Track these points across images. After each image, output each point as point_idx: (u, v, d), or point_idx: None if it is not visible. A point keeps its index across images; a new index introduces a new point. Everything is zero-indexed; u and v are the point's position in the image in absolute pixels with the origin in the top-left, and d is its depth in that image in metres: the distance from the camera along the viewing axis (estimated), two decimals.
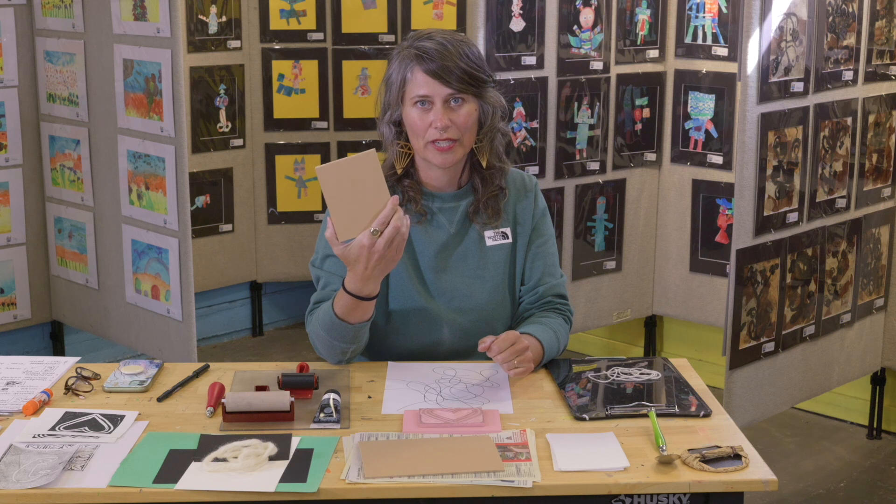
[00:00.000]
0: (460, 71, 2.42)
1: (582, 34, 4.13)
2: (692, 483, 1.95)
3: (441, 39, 2.44)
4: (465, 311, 2.53)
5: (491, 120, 2.50)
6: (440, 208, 2.55)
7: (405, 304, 2.51)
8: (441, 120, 2.42)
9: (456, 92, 2.43)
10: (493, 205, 2.55)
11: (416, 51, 2.44)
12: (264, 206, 5.13)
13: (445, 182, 2.55)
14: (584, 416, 2.19)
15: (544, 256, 2.60)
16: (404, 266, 2.51)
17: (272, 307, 5.41)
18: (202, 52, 4.81)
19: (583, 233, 4.32)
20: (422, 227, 2.53)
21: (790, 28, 3.44)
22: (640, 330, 4.81)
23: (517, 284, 2.59)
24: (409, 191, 2.53)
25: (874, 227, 3.94)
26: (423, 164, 2.54)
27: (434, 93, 2.42)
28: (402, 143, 2.52)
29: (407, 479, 1.93)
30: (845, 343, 3.91)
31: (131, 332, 4.20)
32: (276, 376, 2.34)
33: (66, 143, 4.32)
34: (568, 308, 2.62)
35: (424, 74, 2.42)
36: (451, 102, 2.44)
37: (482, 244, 2.55)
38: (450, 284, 2.53)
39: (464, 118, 2.45)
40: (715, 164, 4.34)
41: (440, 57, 2.41)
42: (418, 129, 2.45)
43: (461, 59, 2.43)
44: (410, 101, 2.45)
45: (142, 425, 2.16)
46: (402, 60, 2.46)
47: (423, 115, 2.44)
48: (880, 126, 3.88)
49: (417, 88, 2.43)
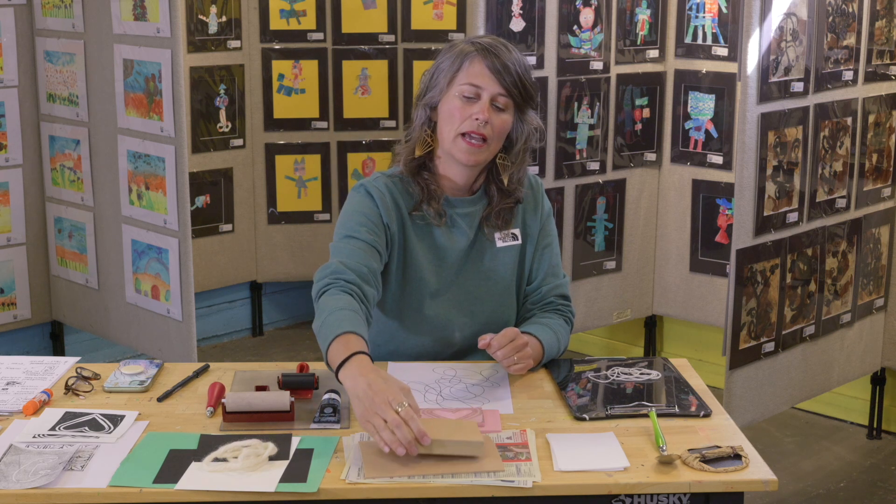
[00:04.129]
0: (517, 75, 2.44)
1: (582, 34, 4.13)
2: (692, 483, 1.95)
3: (505, 43, 2.48)
4: (476, 312, 2.54)
5: (524, 143, 2.50)
6: (458, 214, 2.54)
7: (419, 305, 2.51)
8: (483, 112, 2.42)
9: (505, 93, 2.43)
10: (505, 215, 2.56)
11: (480, 45, 2.45)
12: (264, 206, 5.13)
13: (461, 184, 2.53)
14: (584, 416, 2.19)
15: (549, 257, 2.61)
16: (425, 268, 2.51)
17: (272, 307, 5.41)
18: (202, 52, 4.81)
19: (583, 233, 4.32)
20: (446, 230, 2.53)
21: (790, 28, 3.44)
22: (640, 330, 4.81)
23: (523, 285, 2.60)
24: (429, 184, 2.51)
25: (874, 227, 3.94)
26: (442, 160, 2.52)
27: (486, 86, 2.43)
28: (428, 131, 2.51)
29: (407, 479, 1.93)
30: (845, 343, 3.91)
31: (131, 332, 4.19)
32: (276, 376, 2.34)
33: (66, 143, 4.32)
34: (570, 309, 2.63)
35: (484, 66, 2.43)
36: (496, 103, 2.44)
37: (493, 247, 2.56)
38: (462, 287, 2.54)
39: (501, 123, 2.45)
40: (715, 164, 4.34)
41: (504, 56, 2.44)
42: (456, 118, 2.44)
43: (520, 67, 2.45)
44: (458, 88, 2.44)
45: (142, 425, 2.16)
46: (462, 51, 2.46)
47: (465, 106, 2.44)
48: (880, 126, 3.88)
49: (472, 77, 2.43)
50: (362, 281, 2.34)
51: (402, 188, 2.52)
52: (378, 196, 2.48)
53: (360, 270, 2.35)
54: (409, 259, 2.51)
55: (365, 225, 2.44)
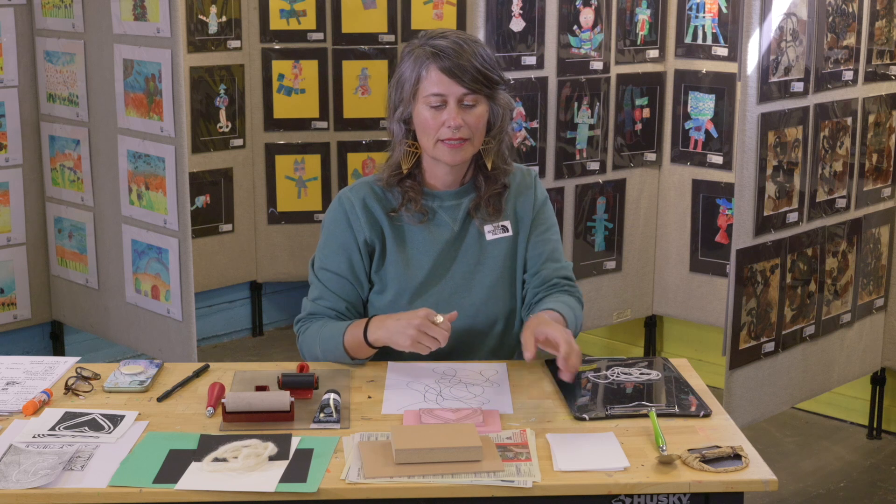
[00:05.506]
0: (475, 70, 2.42)
1: (582, 34, 4.13)
2: (692, 483, 1.95)
3: (456, 38, 2.45)
4: (464, 307, 2.52)
5: (501, 122, 2.50)
6: (442, 206, 2.54)
7: (404, 303, 2.51)
8: (454, 119, 2.42)
9: (470, 91, 2.42)
10: (494, 202, 2.55)
11: (432, 49, 2.43)
12: (264, 206, 5.13)
13: (450, 181, 2.55)
14: (584, 416, 2.19)
15: (545, 243, 2.58)
16: (404, 266, 2.51)
17: (272, 307, 5.41)
18: (202, 52, 4.81)
19: (583, 233, 4.32)
20: (424, 227, 2.53)
21: (790, 28, 3.44)
22: (640, 330, 4.81)
23: (518, 277, 2.58)
24: (409, 191, 2.53)
25: (874, 227, 3.94)
26: (429, 163, 2.54)
27: (448, 91, 2.42)
28: (410, 141, 2.52)
29: (407, 479, 1.93)
30: (845, 343, 3.91)
31: (131, 332, 4.19)
32: (276, 376, 2.34)
33: (66, 143, 4.32)
34: (577, 290, 2.60)
35: (440, 72, 2.42)
36: (465, 103, 2.43)
37: (482, 240, 2.55)
38: (449, 282, 2.53)
39: (476, 119, 2.45)
40: (715, 164, 4.34)
41: (456, 55, 2.41)
42: (430, 128, 2.45)
43: (476, 59, 2.43)
44: (423, 99, 2.44)
45: (142, 425, 2.16)
46: (417, 58, 2.45)
47: (435, 114, 2.43)
48: (880, 126, 3.88)
49: (432, 86, 2.42)
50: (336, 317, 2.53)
51: (382, 193, 2.55)
52: (351, 211, 2.54)
53: (330, 315, 2.53)
54: (389, 260, 2.52)
55: (339, 253, 2.54)
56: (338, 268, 2.54)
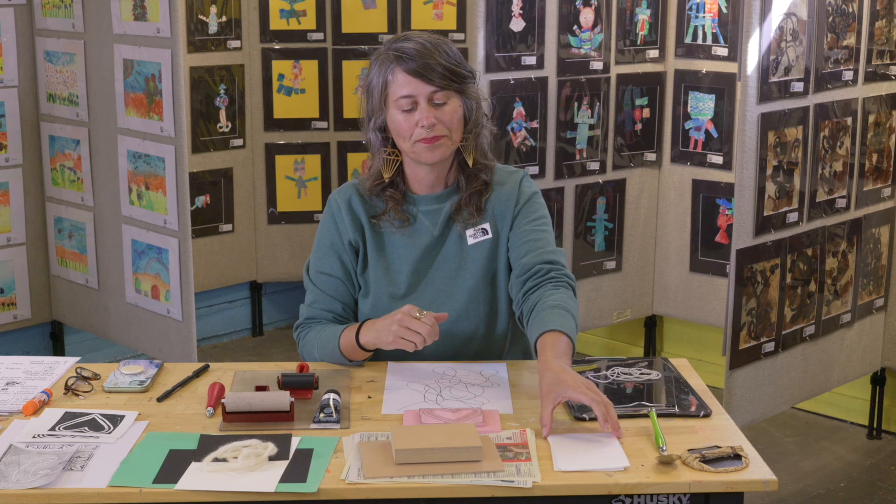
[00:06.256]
0: (441, 68, 2.41)
1: (582, 34, 4.13)
2: (692, 483, 1.95)
3: (419, 39, 2.44)
4: (447, 310, 2.45)
5: (475, 115, 2.49)
6: (422, 211, 2.53)
7: (386, 307, 2.48)
8: (427, 118, 2.41)
9: (438, 89, 2.41)
10: (475, 202, 2.51)
11: (395, 52, 2.42)
12: (264, 206, 5.13)
13: (433, 183, 2.53)
14: (584, 416, 2.19)
15: (528, 233, 2.50)
16: (384, 271, 2.51)
17: (272, 307, 5.42)
18: (202, 52, 4.81)
19: (583, 233, 4.32)
20: (404, 233, 2.52)
21: (790, 28, 3.44)
22: (640, 330, 4.81)
23: (501, 278, 2.53)
24: (390, 200, 2.52)
25: (874, 227, 3.94)
26: (410, 166, 2.53)
27: (417, 92, 2.41)
28: (389, 149, 2.51)
29: (407, 479, 1.93)
30: (845, 343, 3.91)
31: (131, 332, 4.19)
32: (276, 376, 2.34)
33: (66, 143, 4.32)
34: (564, 273, 2.46)
35: (406, 74, 2.41)
36: (436, 101, 2.42)
37: (463, 244, 2.52)
38: (430, 287, 2.51)
39: (449, 115, 2.44)
40: (715, 164, 4.34)
41: (420, 56, 2.41)
42: (404, 131, 2.44)
43: (441, 57, 2.42)
44: (394, 104, 2.44)
45: (142, 425, 2.16)
46: (382, 64, 2.45)
47: (408, 117, 2.43)
48: (880, 126, 3.88)
49: (400, 89, 2.42)
50: (334, 319, 2.55)
51: (368, 196, 2.57)
52: (337, 212, 2.56)
53: (327, 318, 2.54)
54: (370, 264, 2.53)
55: (329, 254, 2.56)
56: (330, 269, 2.54)
